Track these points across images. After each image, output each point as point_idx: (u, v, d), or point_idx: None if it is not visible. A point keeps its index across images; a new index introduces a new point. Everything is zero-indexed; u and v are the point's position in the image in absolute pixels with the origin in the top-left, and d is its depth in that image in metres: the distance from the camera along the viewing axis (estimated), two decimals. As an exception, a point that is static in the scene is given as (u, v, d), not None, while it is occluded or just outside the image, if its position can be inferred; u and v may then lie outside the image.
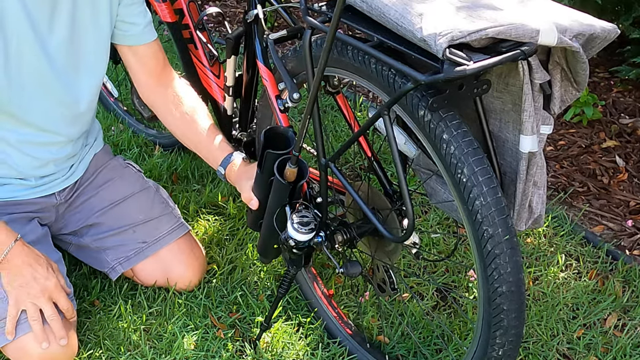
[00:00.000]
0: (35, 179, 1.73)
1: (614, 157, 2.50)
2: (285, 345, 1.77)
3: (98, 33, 1.64)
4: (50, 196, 1.78)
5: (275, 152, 1.47)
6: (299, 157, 1.44)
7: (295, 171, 1.46)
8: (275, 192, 1.50)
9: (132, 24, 1.69)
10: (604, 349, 1.80)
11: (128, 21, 1.68)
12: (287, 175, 1.46)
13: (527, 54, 1.16)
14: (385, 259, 1.61)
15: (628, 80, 2.84)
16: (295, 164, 1.45)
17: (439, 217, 2.18)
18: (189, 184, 2.32)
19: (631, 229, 2.20)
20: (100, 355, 1.74)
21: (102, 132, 1.95)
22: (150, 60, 1.76)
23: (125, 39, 1.71)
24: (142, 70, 1.77)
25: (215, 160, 1.71)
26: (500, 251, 1.27)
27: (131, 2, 1.67)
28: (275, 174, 1.46)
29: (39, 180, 1.73)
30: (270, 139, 1.50)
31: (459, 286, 1.97)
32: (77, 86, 1.65)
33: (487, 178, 1.26)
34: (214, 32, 3.36)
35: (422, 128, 1.31)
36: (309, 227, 1.49)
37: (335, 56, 1.45)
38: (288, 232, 1.49)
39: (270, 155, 1.47)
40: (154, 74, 1.78)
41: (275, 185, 1.49)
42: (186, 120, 1.77)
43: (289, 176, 1.46)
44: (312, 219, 1.50)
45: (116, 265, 1.86)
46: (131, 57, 1.75)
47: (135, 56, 1.75)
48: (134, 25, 1.70)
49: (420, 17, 1.16)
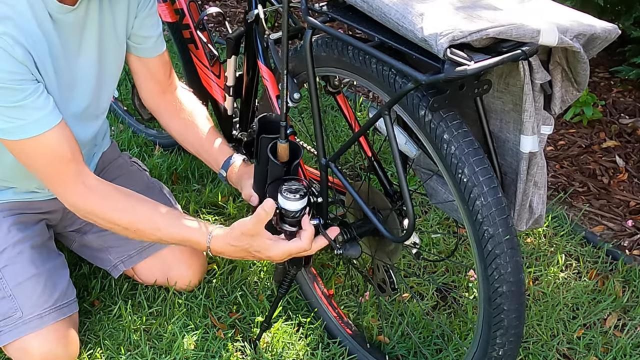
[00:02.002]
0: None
1: (614, 157, 2.50)
2: (285, 345, 1.77)
3: (118, 45, 1.65)
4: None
5: (269, 137, 1.47)
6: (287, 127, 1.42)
7: (286, 147, 1.45)
8: (272, 176, 1.49)
9: (146, 38, 1.70)
10: (604, 349, 1.80)
11: (142, 35, 1.68)
12: (279, 152, 1.45)
13: (528, 54, 1.16)
14: (386, 259, 1.61)
15: (628, 80, 2.84)
16: (284, 138, 1.44)
17: (439, 217, 2.19)
18: (189, 184, 2.32)
19: (631, 229, 2.20)
20: (100, 355, 1.74)
21: (109, 130, 1.96)
22: (158, 70, 1.77)
23: (138, 51, 1.71)
24: (150, 79, 1.77)
25: (217, 163, 1.72)
26: (500, 251, 1.27)
27: (147, 15, 1.67)
28: (268, 155, 1.46)
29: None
30: (265, 127, 1.50)
31: (459, 286, 1.97)
32: (99, 95, 1.66)
33: (488, 178, 1.26)
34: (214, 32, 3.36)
35: (423, 128, 1.31)
36: (298, 195, 1.45)
37: (335, 56, 1.45)
38: (278, 203, 1.46)
39: (264, 140, 1.47)
40: (160, 83, 1.78)
41: (270, 169, 1.48)
42: (187, 125, 1.77)
43: (281, 154, 1.45)
44: (301, 187, 1.47)
45: (118, 264, 1.86)
46: (140, 67, 1.75)
47: (144, 66, 1.75)
48: (148, 39, 1.70)
49: (421, 17, 1.16)
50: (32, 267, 1.65)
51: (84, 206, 1.51)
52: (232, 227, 1.49)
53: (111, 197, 1.52)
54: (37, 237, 1.71)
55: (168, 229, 1.52)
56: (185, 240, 1.53)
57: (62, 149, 1.45)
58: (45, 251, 1.71)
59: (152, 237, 1.54)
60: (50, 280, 1.66)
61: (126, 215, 1.51)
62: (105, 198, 1.51)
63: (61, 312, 1.65)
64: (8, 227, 1.67)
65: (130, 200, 1.53)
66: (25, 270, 1.64)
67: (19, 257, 1.65)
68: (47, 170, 1.47)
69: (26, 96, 1.38)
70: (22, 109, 1.38)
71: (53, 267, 1.70)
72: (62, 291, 1.67)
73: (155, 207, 1.54)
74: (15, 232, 1.67)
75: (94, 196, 1.50)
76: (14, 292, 1.62)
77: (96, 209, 1.51)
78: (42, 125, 1.41)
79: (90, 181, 1.51)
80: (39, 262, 1.67)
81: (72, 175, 1.48)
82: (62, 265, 1.74)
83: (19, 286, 1.63)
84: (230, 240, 1.48)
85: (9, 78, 1.35)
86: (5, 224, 1.67)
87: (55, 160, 1.46)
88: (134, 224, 1.51)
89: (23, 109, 1.38)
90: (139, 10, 1.65)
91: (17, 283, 1.63)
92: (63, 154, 1.46)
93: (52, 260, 1.71)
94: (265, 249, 1.47)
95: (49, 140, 1.43)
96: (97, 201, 1.50)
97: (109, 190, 1.53)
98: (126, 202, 1.52)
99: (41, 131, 1.41)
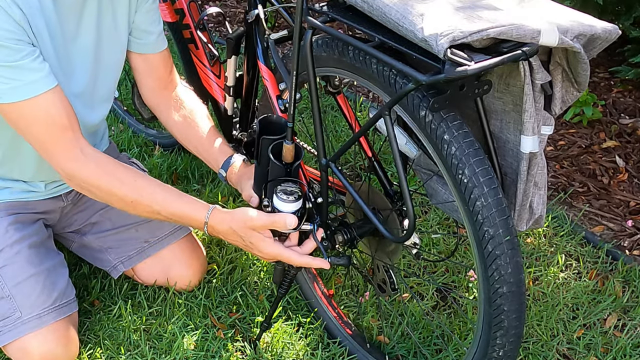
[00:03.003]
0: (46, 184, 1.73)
1: (614, 157, 2.50)
2: (285, 345, 1.77)
3: (117, 37, 1.65)
4: (57, 198, 1.79)
5: (270, 138, 1.47)
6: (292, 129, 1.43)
7: (292, 148, 1.45)
8: (272, 177, 1.49)
9: (147, 33, 1.70)
10: (604, 349, 1.80)
11: (143, 29, 1.69)
12: (284, 154, 1.46)
13: (528, 55, 1.16)
14: (386, 259, 1.61)
15: (628, 80, 2.84)
16: (290, 139, 1.44)
17: (439, 217, 2.19)
18: (189, 184, 2.32)
19: (631, 229, 2.20)
20: (100, 355, 1.74)
21: (107, 131, 1.96)
22: (160, 67, 1.77)
23: (138, 47, 1.72)
24: (150, 75, 1.77)
25: (216, 163, 1.72)
26: (501, 252, 1.27)
27: (148, 9, 1.68)
28: (270, 156, 1.46)
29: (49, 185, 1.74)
30: (266, 128, 1.50)
31: (459, 286, 1.97)
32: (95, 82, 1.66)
33: (488, 179, 1.26)
34: (214, 32, 3.36)
35: (423, 128, 1.31)
36: (293, 197, 1.46)
37: (336, 56, 1.45)
38: (273, 204, 1.47)
39: (265, 142, 1.47)
40: (161, 80, 1.78)
41: (271, 170, 1.48)
42: (187, 123, 1.77)
43: (286, 155, 1.46)
44: (297, 189, 1.48)
45: (118, 264, 1.86)
46: (141, 63, 1.75)
47: (145, 63, 1.75)
48: (149, 34, 1.70)
49: (422, 18, 1.16)
50: (31, 267, 1.65)
51: (80, 174, 1.48)
52: (235, 212, 1.49)
53: (109, 167, 1.50)
54: (35, 236, 1.71)
55: (166, 202, 1.50)
56: (183, 215, 1.51)
57: (59, 113, 1.44)
58: (44, 250, 1.71)
59: (149, 210, 1.51)
60: (49, 279, 1.66)
61: (124, 185, 1.49)
62: (103, 167, 1.49)
63: (60, 311, 1.65)
64: (6, 227, 1.67)
65: (129, 172, 1.52)
66: (24, 270, 1.64)
67: (17, 256, 1.65)
68: (43, 136, 1.45)
69: (23, 56, 1.39)
70: (19, 69, 1.39)
71: (52, 266, 1.69)
72: (61, 290, 1.67)
73: (154, 181, 1.54)
74: (13, 231, 1.67)
75: (92, 164, 1.48)
76: (13, 292, 1.62)
77: (93, 177, 1.48)
78: (38, 87, 1.41)
79: (87, 150, 1.49)
80: (38, 261, 1.67)
81: (69, 142, 1.47)
82: (61, 265, 1.74)
83: (18, 286, 1.62)
84: (232, 224, 1.48)
85: (6, 36, 1.36)
86: (3, 224, 1.67)
87: (52, 126, 1.44)
88: (130, 196, 1.49)
89: (20, 70, 1.39)
90: (139, 4, 1.65)
91: (15, 283, 1.62)
92: (60, 119, 1.45)
93: (51, 259, 1.71)
94: (259, 245, 1.48)
95: (46, 103, 1.42)
96: (95, 169, 1.48)
97: (107, 160, 1.51)
98: (124, 173, 1.51)
99: (37, 93, 1.41)
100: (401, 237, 1.47)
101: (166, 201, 1.51)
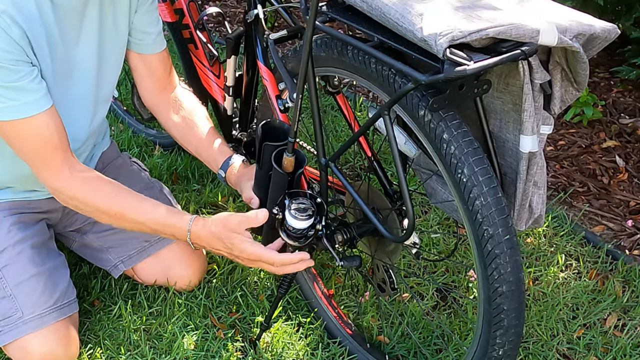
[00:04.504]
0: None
1: (614, 157, 2.50)
2: (285, 345, 1.77)
3: (118, 39, 1.66)
4: None
5: (273, 144, 1.47)
6: (294, 146, 1.44)
7: (292, 160, 1.45)
8: (275, 184, 1.49)
9: (146, 33, 1.70)
10: (604, 349, 1.80)
11: (142, 30, 1.69)
12: (284, 164, 1.46)
13: (527, 54, 1.16)
14: (386, 259, 1.61)
15: (628, 81, 2.84)
16: (292, 152, 1.44)
17: (439, 217, 2.19)
18: (189, 184, 2.32)
19: (631, 229, 2.20)
20: (100, 355, 1.74)
21: (109, 130, 1.96)
22: (159, 68, 1.77)
23: (137, 47, 1.72)
24: (149, 76, 1.78)
25: (216, 163, 1.72)
26: (500, 251, 1.27)
27: (147, 10, 1.68)
28: (273, 164, 1.46)
29: None
30: (268, 133, 1.50)
31: (459, 286, 1.97)
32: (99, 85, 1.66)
33: (488, 178, 1.26)
34: (214, 32, 3.36)
35: (423, 128, 1.31)
36: (307, 214, 1.47)
37: (335, 56, 1.45)
38: (286, 221, 1.48)
39: (267, 148, 1.47)
40: (159, 80, 1.78)
41: (274, 177, 1.48)
42: (186, 124, 1.77)
43: (286, 165, 1.46)
44: (309, 205, 1.48)
45: (118, 264, 1.86)
46: (140, 64, 1.76)
47: (144, 63, 1.75)
48: (148, 35, 1.71)
49: (421, 17, 1.16)
50: (33, 267, 1.65)
51: (67, 191, 1.53)
52: (214, 216, 1.54)
53: (94, 184, 1.55)
54: (37, 236, 1.71)
55: (150, 214, 1.55)
56: (167, 224, 1.55)
57: (51, 133, 1.48)
58: (46, 251, 1.71)
59: (133, 222, 1.56)
60: (51, 280, 1.66)
61: (108, 201, 1.54)
62: (88, 184, 1.54)
63: (61, 312, 1.65)
64: (8, 227, 1.67)
65: (114, 187, 1.56)
66: (26, 270, 1.64)
67: (19, 256, 1.65)
68: (34, 154, 1.49)
69: (20, 77, 1.40)
70: (16, 90, 1.40)
71: (53, 266, 1.70)
72: (62, 291, 1.67)
73: (137, 195, 1.57)
74: (16, 231, 1.67)
75: (77, 181, 1.53)
76: (14, 292, 1.62)
77: (78, 194, 1.53)
78: (33, 107, 1.44)
79: (75, 167, 1.54)
80: (39, 261, 1.67)
81: (58, 161, 1.51)
82: (63, 265, 1.74)
83: (19, 286, 1.63)
84: (212, 227, 1.52)
85: (5, 57, 1.37)
86: (6, 224, 1.67)
87: (43, 145, 1.48)
88: (114, 209, 1.54)
89: (17, 90, 1.41)
90: (139, 5, 1.66)
91: (17, 283, 1.63)
92: (51, 139, 1.48)
93: (53, 260, 1.71)
94: (240, 245, 1.49)
95: (39, 123, 1.45)
96: (80, 186, 1.53)
97: (92, 177, 1.56)
98: (108, 189, 1.56)
99: (32, 113, 1.44)
100: (401, 236, 1.47)
101: (150, 214, 1.55)
